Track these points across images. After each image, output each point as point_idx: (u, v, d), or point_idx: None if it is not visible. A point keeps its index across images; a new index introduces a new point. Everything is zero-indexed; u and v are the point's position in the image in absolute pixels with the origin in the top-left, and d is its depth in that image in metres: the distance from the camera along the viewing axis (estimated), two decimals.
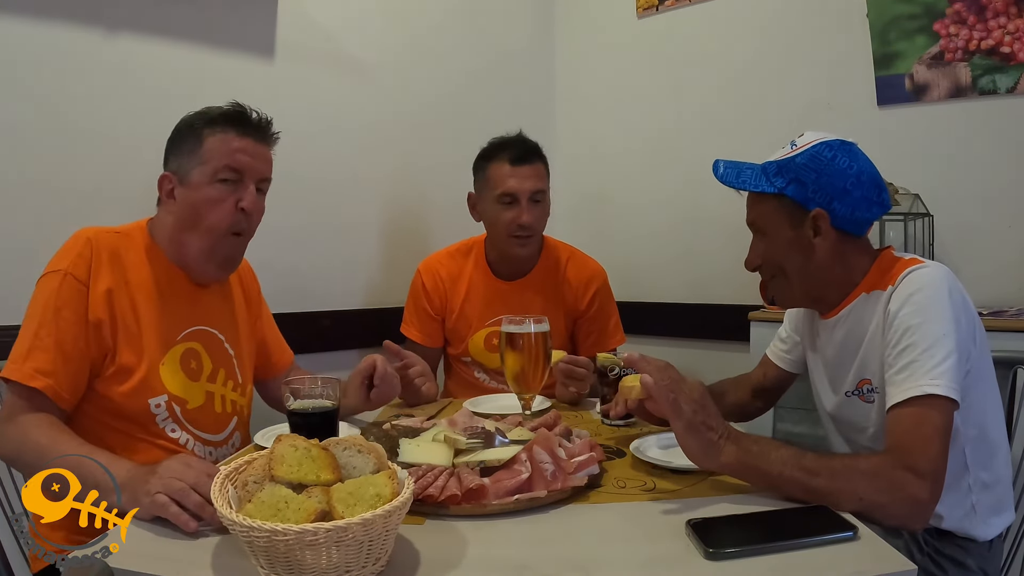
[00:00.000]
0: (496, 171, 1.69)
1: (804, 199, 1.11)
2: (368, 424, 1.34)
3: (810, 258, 1.13)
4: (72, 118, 1.54)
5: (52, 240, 1.49)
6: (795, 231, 1.13)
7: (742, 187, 1.16)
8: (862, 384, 1.13)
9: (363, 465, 0.78)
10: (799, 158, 1.11)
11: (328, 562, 0.66)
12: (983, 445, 1.08)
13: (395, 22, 2.16)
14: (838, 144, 1.11)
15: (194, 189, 1.17)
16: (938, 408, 0.94)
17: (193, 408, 1.20)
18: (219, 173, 1.17)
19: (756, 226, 1.20)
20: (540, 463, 0.93)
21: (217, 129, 1.18)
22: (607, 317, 1.82)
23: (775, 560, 0.73)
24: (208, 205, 1.17)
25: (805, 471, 0.88)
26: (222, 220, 1.18)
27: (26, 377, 1.05)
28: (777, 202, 1.14)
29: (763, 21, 2.21)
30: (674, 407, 0.92)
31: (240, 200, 1.18)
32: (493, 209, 1.70)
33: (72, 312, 1.10)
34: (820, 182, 1.10)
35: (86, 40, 1.56)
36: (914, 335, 1.00)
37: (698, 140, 2.35)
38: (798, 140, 1.14)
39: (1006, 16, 1.82)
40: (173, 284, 1.22)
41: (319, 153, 1.94)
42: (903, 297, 1.04)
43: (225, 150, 1.17)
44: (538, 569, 0.73)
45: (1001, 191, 1.85)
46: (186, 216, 1.18)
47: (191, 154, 1.18)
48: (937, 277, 1.04)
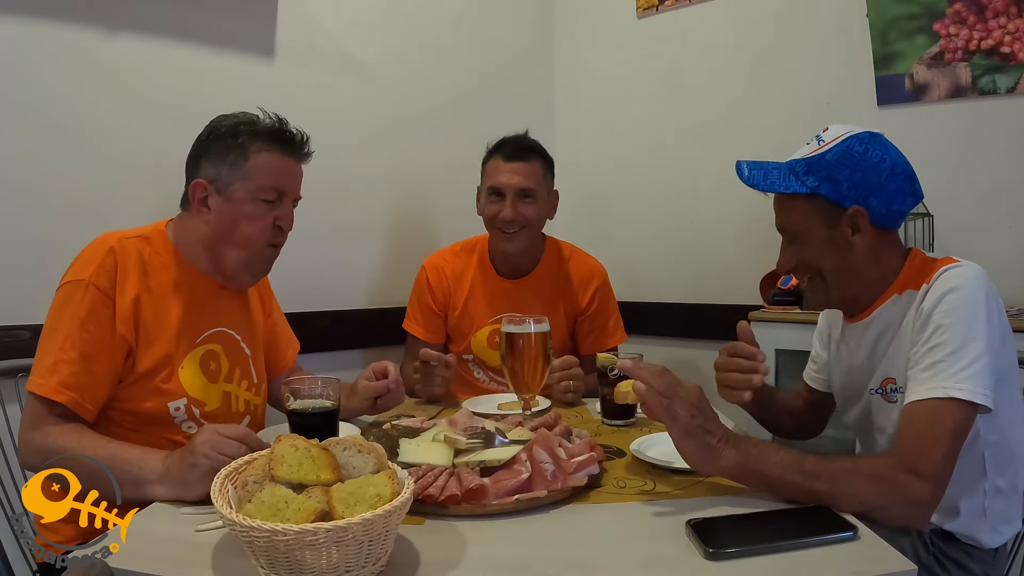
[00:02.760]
0: (491, 166, 1.74)
1: (839, 197, 1.07)
2: (368, 424, 1.34)
3: (848, 257, 1.09)
4: (71, 118, 1.54)
5: (52, 240, 1.50)
6: (831, 231, 1.09)
7: (770, 189, 1.11)
8: (886, 383, 1.11)
9: (363, 465, 0.78)
10: (829, 154, 1.07)
11: (328, 562, 0.66)
12: (1003, 451, 1.06)
13: (395, 24, 2.16)
14: (868, 136, 1.08)
15: (235, 204, 1.18)
16: (955, 411, 0.92)
17: (211, 410, 1.21)
18: (263, 193, 1.19)
19: (788, 229, 1.14)
20: (540, 463, 0.93)
21: (264, 147, 1.18)
22: (607, 315, 1.83)
23: (775, 560, 0.73)
24: (248, 221, 1.19)
25: (805, 474, 0.87)
26: (261, 235, 1.20)
27: (51, 392, 1.05)
28: (810, 202, 1.09)
29: (763, 21, 2.21)
30: (669, 413, 0.91)
31: (278, 219, 1.21)
32: (484, 202, 1.75)
33: (97, 325, 1.09)
34: (854, 178, 1.06)
35: (86, 40, 1.56)
36: (944, 334, 0.97)
37: (698, 140, 2.34)
38: (824, 135, 1.10)
39: (1006, 16, 1.82)
40: (194, 287, 1.23)
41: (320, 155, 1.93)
42: (937, 295, 1.00)
43: (271, 171, 1.19)
44: (538, 569, 0.73)
45: (1001, 191, 1.85)
46: (224, 229, 1.19)
47: (234, 167, 1.18)
48: (974, 278, 1.00)
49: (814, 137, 1.12)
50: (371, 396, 1.32)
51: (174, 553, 0.77)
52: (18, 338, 1.45)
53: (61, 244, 1.49)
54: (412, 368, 1.59)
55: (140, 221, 1.27)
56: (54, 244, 1.49)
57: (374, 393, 1.32)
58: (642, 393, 0.92)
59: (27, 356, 1.41)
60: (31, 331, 1.47)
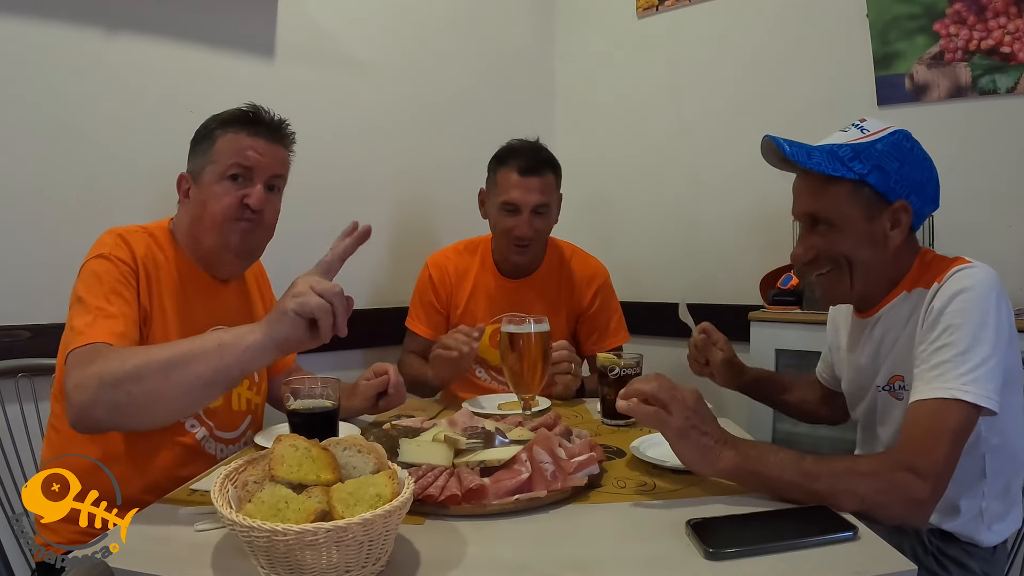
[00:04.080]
0: (504, 177, 1.70)
1: (886, 189, 1.04)
2: (368, 424, 1.34)
3: (881, 252, 1.07)
4: (71, 118, 1.54)
5: (52, 240, 1.50)
6: (870, 223, 1.05)
7: (816, 168, 1.04)
8: (894, 380, 1.11)
9: (363, 465, 0.78)
10: (879, 144, 1.04)
11: (328, 562, 0.66)
12: (1004, 454, 1.06)
13: (395, 23, 2.16)
14: (909, 135, 1.07)
15: (205, 188, 1.20)
16: (959, 412, 0.92)
17: (214, 407, 1.22)
18: (228, 171, 1.20)
19: (822, 215, 1.07)
20: (540, 463, 0.93)
21: (229, 129, 1.21)
22: (609, 315, 1.83)
23: (775, 560, 0.73)
24: (215, 199, 1.20)
25: (805, 474, 0.87)
26: (226, 211, 1.20)
27: (100, 336, 0.99)
28: (855, 189, 1.04)
29: (763, 21, 2.21)
30: (658, 418, 0.91)
31: (246, 196, 1.20)
32: (496, 214, 1.72)
33: (129, 292, 1.10)
34: (903, 172, 1.04)
35: (86, 40, 1.56)
36: (953, 335, 0.96)
37: (698, 140, 2.35)
38: (865, 125, 1.07)
39: (1006, 16, 1.82)
40: (196, 282, 1.24)
41: (319, 154, 1.94)
42: (948, 295, 0.99)
43: (234, 148, 1.20)
44: (538, 569, 0.73)
45: (1001, 191, 1.85)
46: (198, 213, 1.21)
47: (204, 154, 1.21)
48: (985, 279, 0.99)
49: (851, 125, 1.08)
50: (372, 394, 1.33)
51: (174, 553, 0.77)
52: (18, 338, 1.45)
53: (61, 244, 1.49)
54: (415, 360, 1.59)
55: (140, 221, 1.27)
56: (54, 244, 1.50)
57: (375, 390, 1.32)
58: (631, 409, 0.92)
59: (27, 356, 1.42)
60: (31, 331, 1.47)
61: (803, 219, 1.12)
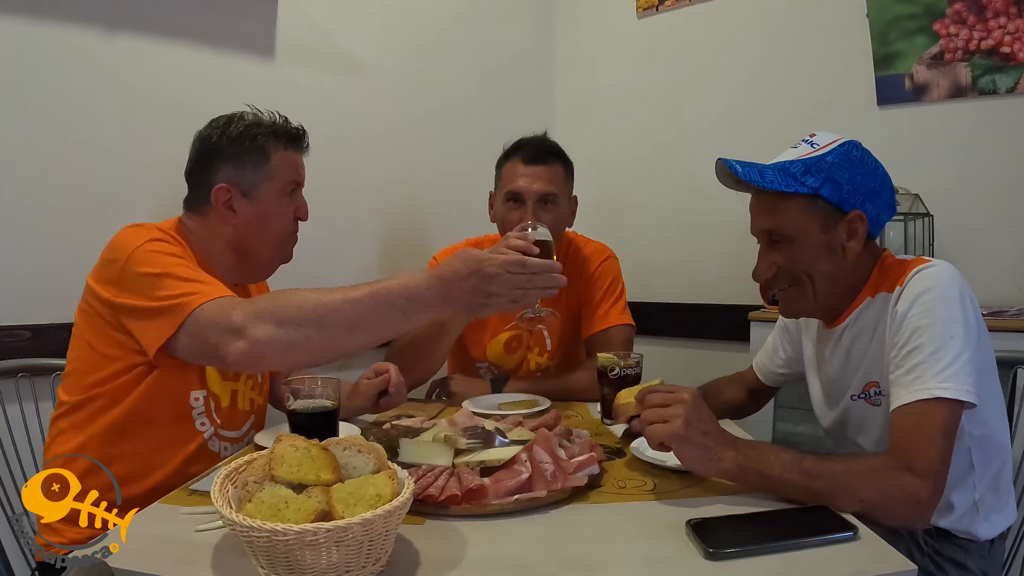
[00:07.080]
0: (509, 169, 1.63)
1: (840, 200, 1.05)
2: (368, 424, 1.34)
3: (839, 263, 1.08)
4: (71, 118, 1.54)
5: (52, 240, 1.50)
6: (826, 235, 1.07)
7: (768, 187, 1.06)
8: (868, 387, 1.11)
9: (363, 465, 0.78)
10: (830, 156, 1.05)
11: (328, 562, 0.66)
12: (988, 444, 1.08)
13: (395, 24, 2.16)
14: (858, 144, 1.08)
15: (264, 203, 1.25)
16: (942, 409, 0.93)
17: (224, 406, 1.23)
18: (287, 187, 1.27)
19: (778, 231, 1.10)
20: (540, 463, 0.93)
21: (281, 147, 1.26)
22: (603, 294, 1.70)
23: (775, 560, 0.73)
24: (277, 217, 1.27)
25: (805, 474, 0.87)
26: (286, 227, 1.29)
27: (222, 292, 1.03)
28: (809, 204, 1.06)
29: (763, 21, 2.21)
30: (664, 432, 0.92)
31: (298, 209, 1.30)
32: (502, 208, 1.64)
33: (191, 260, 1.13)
34: (855, 182, 1.05)
35: (86, 40, 1.56)
36: (922, 336, 0.97)
37: (698, 140, 2.35)
38: (815, 139, 1.09)
39: (1006, 16, 1.82)
40: None
41: (318, 154, 1.93)
42: (912, 297, 1.00)
43: (289, 166, 1.27)
44: (538, 569, 0.73)
45: (1001, 191, 1.85)
46: (256, 228, 1.25)
47: (257, 169, 1.24)
48: (946, 277, 1.00)
49: (801, 141, 1.10)
50: (373, 393, 1.33)
51: (174, 553, 0.77)
52: (18, 338, 1.46)
53: (61, 244, 1.49)
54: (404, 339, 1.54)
55: (140, 220, 1.27)
56: (54, 244, 1.50)
57: (376, 389, 1.33)
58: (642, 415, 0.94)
59: (27, 356, 1.42)
60: (31, 331, 1.47)
61: (761, 236, 1.14)
